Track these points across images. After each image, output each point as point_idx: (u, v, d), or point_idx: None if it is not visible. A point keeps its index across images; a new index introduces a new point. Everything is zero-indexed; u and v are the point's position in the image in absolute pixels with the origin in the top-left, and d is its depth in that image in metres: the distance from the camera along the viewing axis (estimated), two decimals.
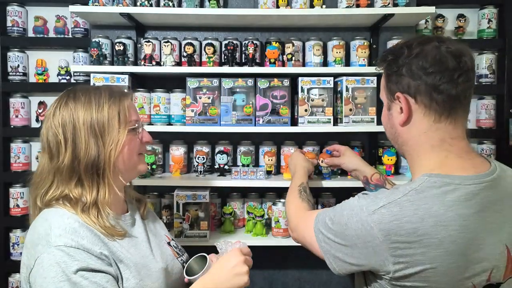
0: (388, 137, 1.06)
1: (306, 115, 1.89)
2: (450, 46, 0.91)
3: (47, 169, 1.03)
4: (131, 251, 1.04)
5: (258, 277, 2.14)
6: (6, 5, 2.25)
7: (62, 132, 1.02)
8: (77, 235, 0.94)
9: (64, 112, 1.03)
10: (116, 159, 1.04)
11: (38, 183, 1.04)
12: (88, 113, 1.04)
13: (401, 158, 2.03)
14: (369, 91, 1.90)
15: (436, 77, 0.89)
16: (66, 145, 1.02)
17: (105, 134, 1.04)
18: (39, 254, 0.92)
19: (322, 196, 2.04)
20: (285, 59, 1.92)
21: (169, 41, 1.93)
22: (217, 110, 1.89)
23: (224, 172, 1.96)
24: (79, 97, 1.05)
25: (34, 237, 0.96)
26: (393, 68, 0.96)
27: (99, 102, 1.05)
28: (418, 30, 2.30)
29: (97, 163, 1.02)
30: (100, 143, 1.03)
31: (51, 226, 0.95)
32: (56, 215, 0.98)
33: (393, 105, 0.99)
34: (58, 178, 1.03)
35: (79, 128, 1.02)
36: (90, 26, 2.16)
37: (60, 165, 1.01)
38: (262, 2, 1.98)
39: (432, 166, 0.91)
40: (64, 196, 1.02)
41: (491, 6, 2.30)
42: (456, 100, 0.90)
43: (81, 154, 1.01)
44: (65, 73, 2.27)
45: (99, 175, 1.03)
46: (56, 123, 1.03)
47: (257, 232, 1.88)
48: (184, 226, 1.79)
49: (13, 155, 2.25)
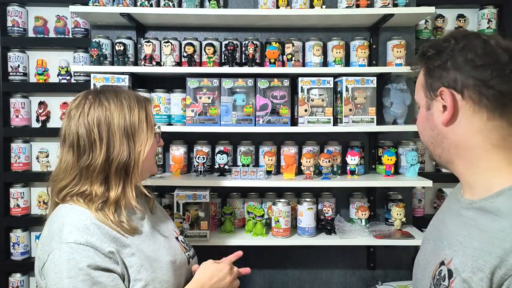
0: (426, 141, 0.95)
1: (306, 115, 1.89)
2: (500, 41, 0.84)
3: (71, 166, 1.06)
4: (142, 245, 1.07)
5: (258, 277, 2.15)
6: (6, 5, 2.25)
7: (98, 131, 1.05)
8: (87, 233, 0.98)
9: (99, 111, 1.06)
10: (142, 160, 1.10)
11: (60, 179, 1.06)
12: (122, 115, 1.08)
13: (401, 158, 2.03)
14: (369, 91, 1.90)
15: (487, 71, 0.81)
16: (101, 144, 1.05)
17: (136, 136, 1.09)
18: (52, 249, 0.96)
19: (322, 196, 2.04)
20: (285, 59, 1.92)
21: (169, 41, 1.93)
22: (217, 110, 1.89)
23: (224, 172, 1.96)
24: (111, 98, 1.09)
25: (49, 232, 1.01)
26: (436, 62, 0.87)
27: (130, 105, 1.11)
28: (418, 30, 2.30)
29: (127, 163, 1.07)
30: (132, 144, 1.08)
31: (64, 223, 0.99)
32: (70, 212, 1.02)
33: (434, 104, 0.89)
34: (83, 175, 1.05)
35: (113, 129, 1.06)
36: (90, 26, 2.16)
37: (91, 163, 1.04)
38: (262, 2, 1.98)
39: (504, 167, 0.83)
40: (81, 192, 1.05)
41: (491, 6, 2.30)
42: (508, 96, 0.82)
43: (115, 154, 1.05)
44: (66, 73, 2.27)
45: (128, 174, 1.08)
46: (91, 122, 1.05)
47: (257, 232, 1.88)
48: (184, 226, 1.80)
49: (13, 155, 2.25)
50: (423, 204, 2.36)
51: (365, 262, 2.14)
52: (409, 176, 1.95)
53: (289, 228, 1.85)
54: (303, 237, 1.86)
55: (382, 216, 2.10)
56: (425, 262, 0.96)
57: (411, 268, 2.25)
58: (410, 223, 2.07)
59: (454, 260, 0.81)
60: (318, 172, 1.97)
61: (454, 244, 0.84)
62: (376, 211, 2.10)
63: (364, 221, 1.96)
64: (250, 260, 2.11)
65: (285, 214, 1.83)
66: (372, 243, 1.89)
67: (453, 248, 0.83)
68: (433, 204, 2.43)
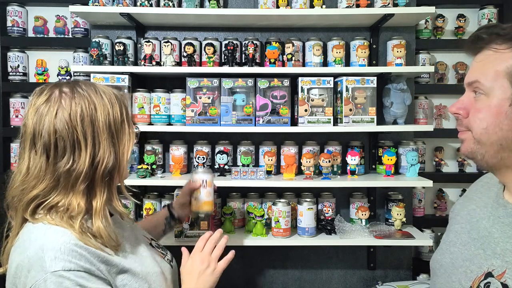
0: (493, 141, 0.79)
1: (306, 115, 1.89)
2: None
3: (44, 171, 0.87)
4: (131, 259, 0.95)
5: (258, 277, 2.14)
6: (6, 5, 2.26)
7: (82, 129, 0.87)
8: (74, 256, 0.82)
9: (81, 105, 0.88)
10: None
11: (31, 187, 0.87)
12: (105, 110, 0.91)
13: (401, 158, 2.03)
14: (369, 91, 1.90)
15: None
16: (86, 145, 0.87)
17: (119, 135, 0.94)
18: (33, 281, 0.79)
19: (322, 196, 2.04)
20: (285, 59, 1.92)
21: (169, 41, 1.93)
22: (217, 110, 1.89)
23: (224, 172, 1.96)
24: (90, 91, 0.91)
25: (23, 261, 0.82)
26: None
27: (110, 99, 0.93)
28: (418, 30, 2.30)
29: (113, 167, 0.91)
30: (116, 145, 0.93)
31: (43, 247, 0.81)
32: (47, 233, 0.84)
33: None
34: (62, 183, 0.87)
35: (98, 126, 0.89)
36: (90, 26, 2.16)
37: (72, 168, 0.86)
38: (262, 2, 1.98)
39: None
40: (55, 204, 0.87)
41: (491, 6, 2.30)
42: None
43: (100, 157, 0.89)
44: (65, 73, 2.27)
45: (112, 179, 0.93)
46: (74, 117, 0.87)
47: (257, 232, 1.88)
48: (184, 226, 1.79)
49: (13, 155, 2.25)
50: (423, 204, 2.36)
51: (365, 262, 2.14)
52: (409, 176, 1.95)
53: (289, 228, 1.85)
54: (303, 237, 1.86)
55: (382, 216, 2.10)
56: (451, 267, 0.89)
57: (411, 268, 2.27)
58: (410, 223, 2.07)
59: (509, 273, 0.73)
60: (318, 172, 1.97)
61: (506, 255, 0.76)
62: (376, 211, 2.10)
63: (364, 221, 1.96)
64: (250, 260, 2.13)
65: (285, 214, 1.82)
66: (372, 243, 1.88)
67: (505, 259, 0.75)
68: (433, 204, 2.43)
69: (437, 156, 2.42)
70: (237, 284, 2.10)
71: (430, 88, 2.38)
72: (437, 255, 0.98)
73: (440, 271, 0.93)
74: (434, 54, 2.43)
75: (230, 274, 1.20)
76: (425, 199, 2.37)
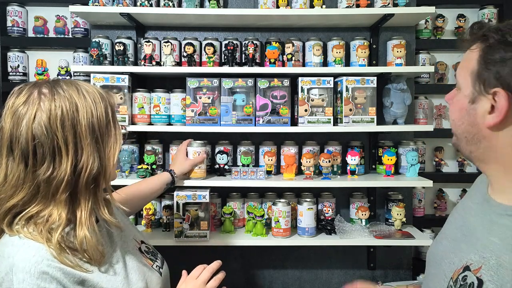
0: (460, 134, 0.85)
1: (306, 115, 1.89)
2: None
3: (23, 179, 0.81)
4: (112, 278, 0.89)
5: (258, 277, 2.15)
6: (6, 5, 2.26)
7: (62, 133, 0.81)
8: (44, 279, 0.77)
9: (62, 107, 0.82)
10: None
11: (9, 196, 0.82)
12: (88, 112, 0.85)
13: (401, 158, 2.03)
14: (369, 91, 1.90)
15: None
16: (67, 151, 0.82)
17: (104, 137, 0.88)
18: None
19: (322, 196, 2.04)
20: (285, 59, 1.92)
21: (169, 41, 1.93)
22: (217, 110, 1.89)
23: (224, 172, 1.96)
24: (71, 90, 0.85)
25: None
26: (499, 54, 0.72)
27: (94, 99, 0.87)
28: (418, 30, 2.30)
29: (98, 173, 0.86)
30: (101, 149, 0.87)
31: (13, 267, 0.77)
32: (20, 250, 0.79)
33: (481, 99, 0.77)
34: (42, 192, 0.81)
35: (80, 130, 0.83)
36: (90, 26, 2.16)
37: (52, 176, 0.81)
38: (262, 2, 1.98)
39: None
40: (35, 214, 0.82)
41: (491, 6, 2.30)
42: None
43: (84, 163, 0.83)
44: (65, 73, 2.27)
45: (98, 185, 0.87)
46: (53, 121, 0.81)
47: (257, 232, 1.88)
48: (184, 226, 1.79)
49: None
50: (423, 204, 2.36)
51: (365, 262, 2.14)
52: (409, 176, 1.95)
53: (289, 228, 1.85)
54: (303, 237, 1.86)
55: (382, 216, 2.10)
56: (440, 258, 0.91)
57: (411, 268, 2.27)
58: (410, 223, 2.07)
59: (485, 269, 0.74)
60: (318, 172, 1.97)
61: (484, 251, 0.76)
62: (376, 211, 2.10)
63: (364, 221, 1.96)
64: (250, 260, 2.13)
65: (285, 214, 1.82)
66: (372, 243, 1.88)
67: (483, 255, 0.76)
68: (433, 204, 2.43)
69: (437, 156, 2.42)
70: (237, 284, 2.10)
71: (430, 88, 2.38)
72: (431, 247, 1.02)
73: (432, 262, 0.97)
74: (434, 54, 2.43)
75: (230, 274, 1.20)
76: (425, 199, 2.38)
